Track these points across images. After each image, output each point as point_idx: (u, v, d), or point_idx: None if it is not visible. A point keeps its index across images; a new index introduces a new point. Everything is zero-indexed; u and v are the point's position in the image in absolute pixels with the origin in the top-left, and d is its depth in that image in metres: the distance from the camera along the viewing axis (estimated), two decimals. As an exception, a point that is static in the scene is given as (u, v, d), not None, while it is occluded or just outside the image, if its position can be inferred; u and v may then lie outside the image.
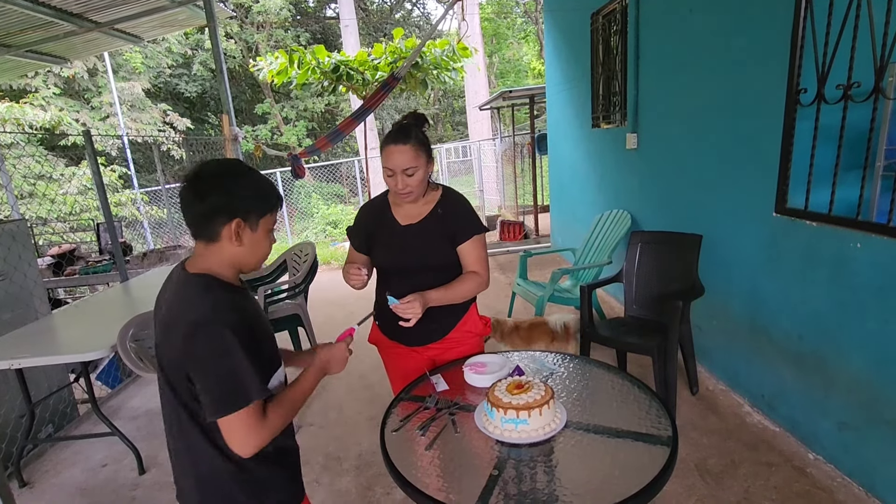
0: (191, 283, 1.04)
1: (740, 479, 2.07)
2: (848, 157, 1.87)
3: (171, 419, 1.10)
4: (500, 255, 6.42)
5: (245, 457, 1.02)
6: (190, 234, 1.07)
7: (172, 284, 1.09)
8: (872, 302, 1.81)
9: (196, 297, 1.01)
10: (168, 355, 1.03)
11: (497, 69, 18.94)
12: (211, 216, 1.02)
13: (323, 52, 6.65)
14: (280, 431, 1.07)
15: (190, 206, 1.03)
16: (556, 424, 1.26)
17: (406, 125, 1.53)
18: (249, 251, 1.08)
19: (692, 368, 2.70)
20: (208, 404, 0.98)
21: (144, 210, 8.75)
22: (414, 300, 1.45)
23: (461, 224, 1.60)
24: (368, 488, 2.23)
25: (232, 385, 0.98)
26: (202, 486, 1.09)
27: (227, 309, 1.00)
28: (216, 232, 1.03)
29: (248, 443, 1.00)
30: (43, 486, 2.51)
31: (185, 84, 14.71)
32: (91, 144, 3.45)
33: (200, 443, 1.05)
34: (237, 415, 0.98)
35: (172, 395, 1.05)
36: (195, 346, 0.97)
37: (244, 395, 0.98)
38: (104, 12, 4.42)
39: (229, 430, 1.00)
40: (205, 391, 0.99)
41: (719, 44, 2.55)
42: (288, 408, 1.09)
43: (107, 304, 3.14)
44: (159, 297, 1.12)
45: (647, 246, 2.87)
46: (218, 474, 1.07)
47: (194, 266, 1.07)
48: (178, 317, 1.01)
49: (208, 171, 1.05)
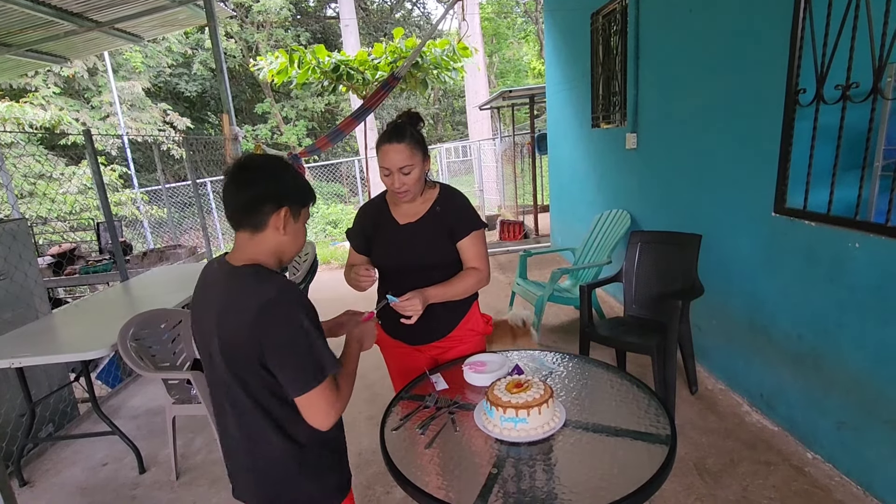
0: (243, 273, 1.04)
1: (739, 478, 2.07)
2: (847, 157, 1.87)
3: (229, 411, 1.10)
4: (500, 254, 6.43)
5: (325, 429, 1.06)
6: (231, 226, 1.08)
7: (218, 279, 1.09)
8: (871, 302, 1.82)
9: (256, 283, 1.02)
10: (235, 344, 1.02)
11: (497, 69, 18.94)
12: (260, 203, 1.04)
13: (323, 52, 6.66)
14: (348, 401, 1.11)
15: (237, 195, 1.04)
16: (555, 423, 1.27)
17: (400, 124, 1.52)
18: (292, 241, 1.11)
19: (691, 368, 2.71)
20: (291, 382, 1.01)
21: (144, 209, 8.75)
22: (413, 297, 1.45)
23: (460, 220, 1.61)
24: (368, 487, 2.23)
25: (311, 360, 1.01)
26: (266, 474, 1.11)
27: (292, 289, 1.03)
28: (263, 221, 1.05)
29: (330, 413, 1.04)
30: (43, 485, 2.52)
31: (185, 83, 14.71)
32: (91, 144, 3.46)
33: (264, 430, 1.07)
34: (318, 389, 1.01)
35: (235, 386, 1.05)
36: (270, 328, 0.99)
37: (321, 369, 1.02)
38: (105, 11, 4.43)
39: (311, 406, 1.03)
40: (286, 370, 1.01)
41: (719, 44, 2.56)
42: (350, 379, 1.15)
43: (107, 303, 3.15)
44: (201, 291, 1.13)
45: (646, 245, 2.87)
46: (281, 460, 1.10)
47: (237, 258, 1.07)
48: (243, 304, 1.00)
49: (254, 162, 1.07)
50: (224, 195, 1.05)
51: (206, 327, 1.07)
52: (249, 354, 1.01)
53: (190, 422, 2.90)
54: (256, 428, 1.07)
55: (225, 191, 1.05)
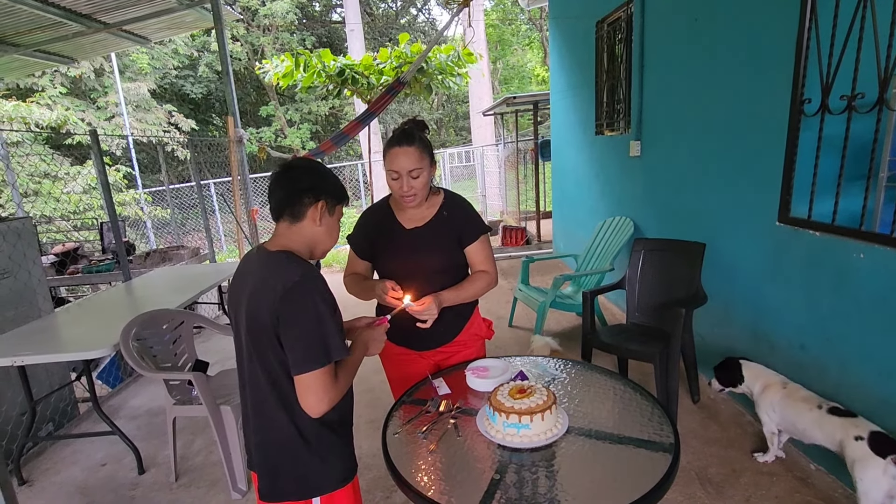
0: (276, 257, 1.16)
1: (741, 488, 2.06)
2: (851, 167, 1.87)
3: (250, 386, 1.19)
4: (503, 260, 6.42)
5: (315, 416, 1.12)
6: (272, 217, 1.21)
7: (254, 261, 1.20)
8: (875, 312, 1.81)
9: (286, 266, 1.13)
10: (259, 320, 1.11)
11: (501, 75, 19.02)
12: (301, 194, 1.17)
13: (329, 56, 6.69)
14: (342, 396, 1.16)
15: (281, 188, 1.18)
16: (557, 429, 1.26)
17: (409, 129, 1.54)
18: (325, 234, 1.23)
19: (694, 376, 2.70)
20: (295, 358, 1.09)
21: (148, 210, 8.77)
22: (430, 301, 1.46)
23: (468, 225, 1.62)
24: (368, 492, 2.22)
25: (318, 341, 1.09)
26: (275, 449, 1.18)
27: (315, 276, 1.13)
28: (302, 211, 1.17)
29: (323, 399, 1.10)
30: (42, 485, 2.51)
31: (190, 85, 14.79)
32: (97, 144, 3.47)
33: (276, 408, 1.15)
34: (317, 372, 1.08)
35: (258, 362, 1.14)
36: (289, 304, 1.08)
37: (326, 353, 1.09)
38: (113, 13, 4.46)
39: (307, 387, 1.09)
40: (294, 345, 1.09)
41: (723, 53, 2.57)
42: (349, 375, 1.20)
43: (109, 302, 3.15)
44: (239, 274, 1.24)
45: (650, 253, 2.87)
46: (290, 438, 1.16)
47: (274, 245, 1.19)
48: (270, 283, 1.11)
49: (298, 163, 1.22)
50: (270, 190, 1.20)
51: (239, 305, 1.18)
52: (268, 330, 1.10)
53: (190, 423, 2.89)
54: (271, 404, 1.15)
55: (271, 186, 1.20)
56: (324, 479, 1.20)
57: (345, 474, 1.24)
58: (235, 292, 1.22)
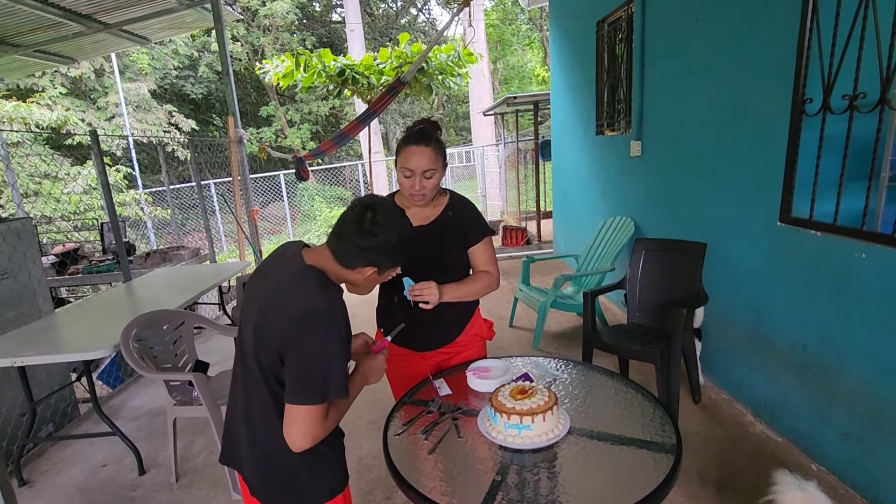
0: (310, 274, 1.10)
1: (743, 489, 2.05)
2: (853, 167, 1.86)
3: (240, 381, 1.17)
4: (503, 260, 6.42)
5: (295, 450, 1.06)
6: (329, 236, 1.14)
7: (289, 262, 1.14)
8: (877, 312, 1.81)
9: (315, 288, 1.07)
10: (268, 329, 1.07)
11: (501, 75, 19.01)
12: (358, 256, 1.11)
13: (329, 56, 6.69)
14: (328, 433, 1.11)
15: (350, 233, 1.10)
16: (559, 430, 1.26)
17: (425, 129, 1.54)
18: (364, 285, 1.19)
19: (695, 377, 2.69)
20: (290, 388, 1.04)
21: (148, 210, 8.77)
22: (430, 283, 1.48)
23: (472, 226, 1.64)
24: (369, 492, 2.22)
25: (319, 377, 1.03)
26: (268, 462, 1.14)
27: (340, 309, 1.07)
28: (354, 266, 1.12)
29: (307, 435, 1.05)
30: (42, 485, 2.51)
31: (190, 85, 14.78)
32: (98, 144, 3.46)
33: (271, 420, 1.10)
34: (309, 407, 1.03)
35: (257, 367, 1.10)
36: (302, 331, 1.03)
37: (323, 392, 1.04)
38: (113, 14, 4.47)
39: (294, 419, 1.04)
40: (292, 374, 1.04)
41: (725, 53, 2.56)
42: (341, 413, 1.15)
43: (110, 303, 3.15)
44: (263, 268, 1.20)
45: (650, 253, 2.86)
46: (284, 451, 1.10)
47: (313, 257, 1.13)
48: (294, 300, 1.06)
49: (385, 211, 1.12)
50: (341, 222, 1.12)
51: (255, 295, 1.14)
52: (276, 345, 1.06)
53: (190, 424, 2.89)
54: (266, 415, 1.11)
55: (344, 219, 1.12)
56: (315, 490, 1.17)
57: (335, 486, 1.20)
58: (257, 280, 1.18)
